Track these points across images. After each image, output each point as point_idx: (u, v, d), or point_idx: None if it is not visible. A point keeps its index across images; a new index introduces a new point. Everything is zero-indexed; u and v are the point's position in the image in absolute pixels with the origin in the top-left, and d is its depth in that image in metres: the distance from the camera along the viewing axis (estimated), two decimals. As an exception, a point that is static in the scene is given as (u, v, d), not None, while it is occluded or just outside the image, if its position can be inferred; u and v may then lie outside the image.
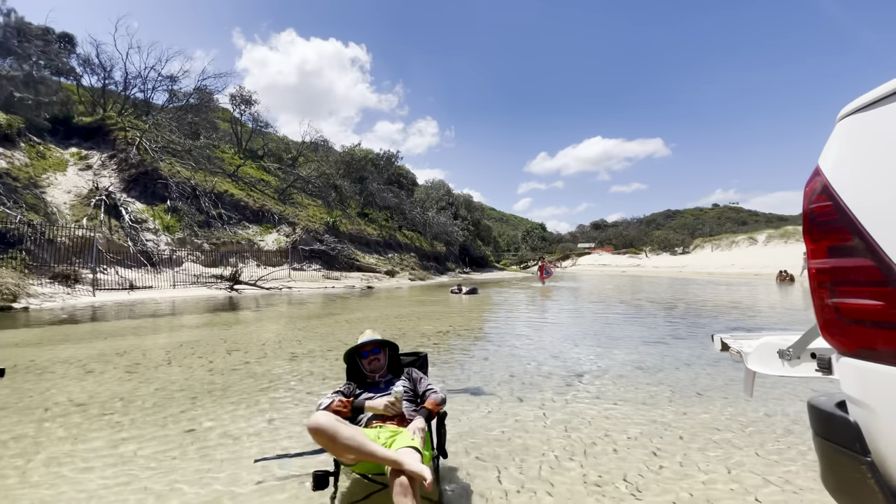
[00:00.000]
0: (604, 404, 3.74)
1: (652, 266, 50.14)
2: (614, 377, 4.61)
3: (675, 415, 3.48)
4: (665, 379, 4.53)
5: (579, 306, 12.47)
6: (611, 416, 3.46)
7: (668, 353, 5.76)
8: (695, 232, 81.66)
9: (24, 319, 9.69)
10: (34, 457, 2.75)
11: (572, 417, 3.42)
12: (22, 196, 17.19)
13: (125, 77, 30.13)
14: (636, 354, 5.73)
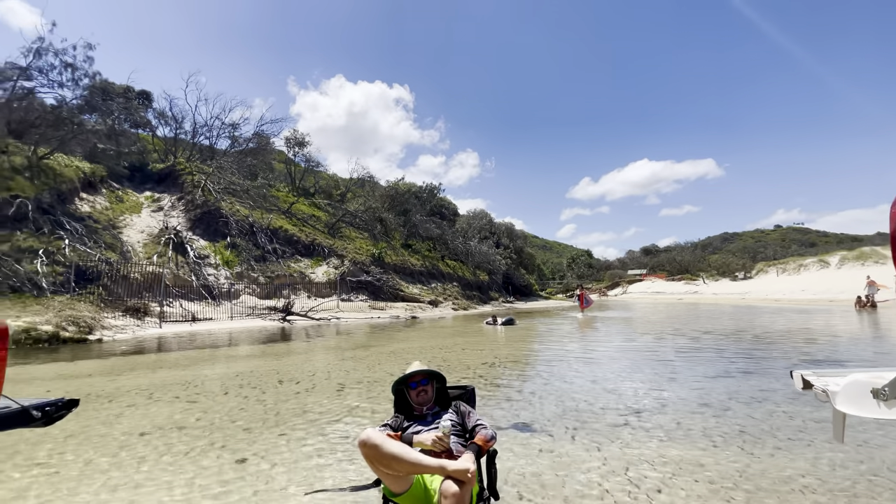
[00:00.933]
0: (666, 444, 3.46)
1: (711, 293, 47.04)
2: (676, 414, 4.28)
3: (749, 458, 3.15)
4: (734, 417, 4.14)
5: (633, 337, 11.83)
6: (675, 458, 3.19)
7: (736, 389, 5.29)
8: (756, 255, 76.19)
9: (97, 350, 10.50)
10: (99, 480, 2.90)
11: (632, 458, 3.18)
12: (101, 236, 19.03)
13: (194, 126, 33.25)
14: (699, 390, 5.31)
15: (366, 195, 40.57)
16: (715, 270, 64.25)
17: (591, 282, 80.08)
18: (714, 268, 65.60)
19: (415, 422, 2.46)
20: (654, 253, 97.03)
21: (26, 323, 11.52)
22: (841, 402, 1.25)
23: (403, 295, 29.00)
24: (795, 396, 4.80)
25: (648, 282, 69.09)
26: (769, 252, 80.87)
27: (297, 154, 38.39)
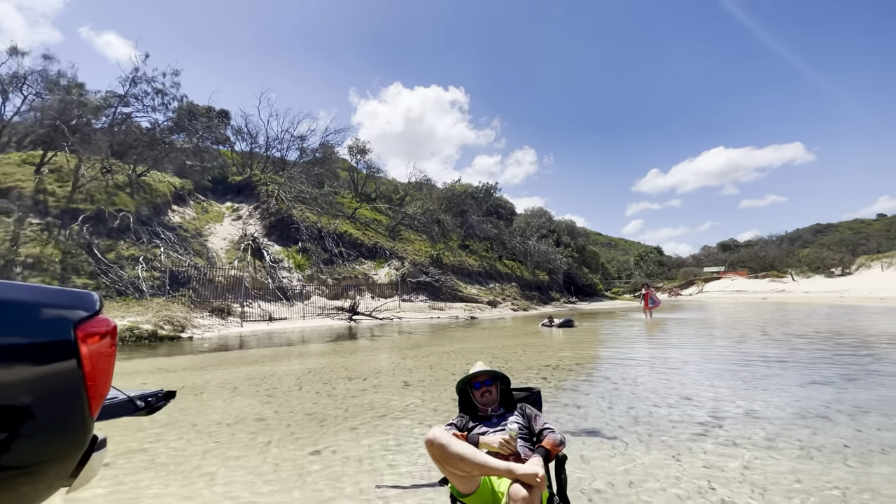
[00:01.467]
0: (754, 457, 3.15)
1: (802, 291, 42.36)
2: (765, 424, 3.89)
3: (854, 476, 2.78)
4: (835, 429, 3.68)
5: (711, 340, 10.96)
6: (765, 472, 2.90)
7: (837, 398, 4.71)
8: (856, 249, 67.67)
9: (188, 347, 11.61)
10: (189, 466, 3.19)
11: (714, 471, 2.93)
12: (191, 244, 21.04)
13: (266, 140, 35.85)
14: (792, 398, 4.79)
15: (423, 198, 41.32)
16: (806, 266, 57.85)
17: (661, 280, 75.43)
18: (805, 263, 59.09)
19: (480, 422, 2.44)
20: (734, 248, 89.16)
21: (130, 322, 13.01)
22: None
23: (462, 295, 29.15)
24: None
25: (727, 280, 63.69)
26: (872, 245, 71.43)
27: (359, 161, 40.06)
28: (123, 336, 12.19)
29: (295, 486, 2.83)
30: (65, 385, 1.60)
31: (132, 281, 16.73)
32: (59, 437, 1.61)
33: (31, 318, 1.58)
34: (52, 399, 1.55)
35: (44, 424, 1.53)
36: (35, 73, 21.15)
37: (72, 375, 1.60)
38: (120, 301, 15.37)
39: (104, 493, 2.78)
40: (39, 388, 1.52)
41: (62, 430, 1.61)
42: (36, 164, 20.59)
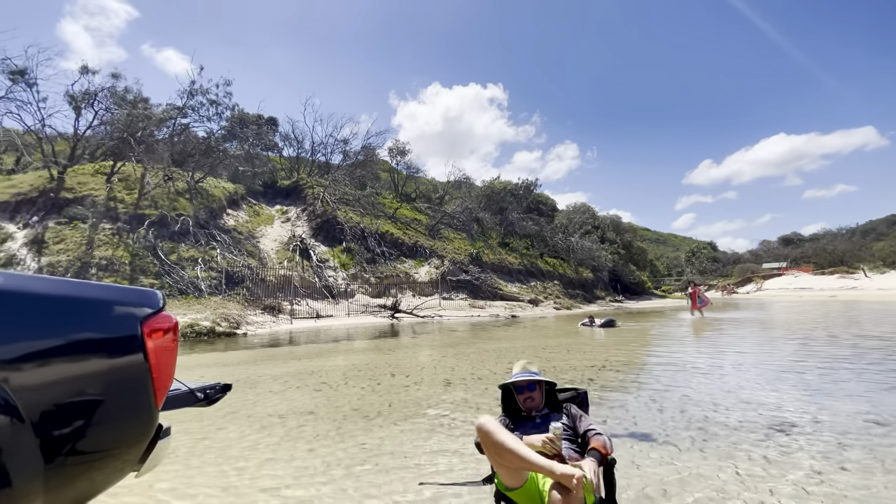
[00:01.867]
0: (826, 467, 2.91)
1: (876, 289, 38.63)
2: (837, 432, 3.58)
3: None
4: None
5: (771, 341, 10.23)
6: (839, 484, 2.66)
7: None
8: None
9: (243, 343, 12.25)
10: (242, 455, 3.36)
11: (778, 481, 2.73)
12: (244, 246, 22.19)
13: (312, 145, 37.25)
14: (867, 404, 4.38)
15: (462, 196, 41.35)
16: (880, 261, 52.70)
17: (715, 277, 71.31)
18: (879, 258, 53.88)
19: (522, 423, 2.40)
20: (797, 242, 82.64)
21: (191, 319, 13.90)
22: None
23: (502, 293, 28.91)
24: None
25: (790, 276, 59.22)
26: (964, 236, 63.88)
27: (399, 162, 40.71)
28: (184, 332, 13.06)
29: (341, 479, 2.91)
30: (133, 377, 1.72)
31: (192, 281, 17.88)
32: (129, 425, 1.74)
33: (104, 315, 1.71)
34: (122, 390, 1.68)
35: (116, 413, 1.65)
36: (104, 90, 23.04)
37: (139, 368, 1.73)
38: (181, 299, 16.47)
39: (170, 476, 2.98)
40: (112, 379, 1.65)
41: (132, 418, 1.74)
42: (107, 174, 22.46)
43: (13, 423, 1.27)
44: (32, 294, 1.50)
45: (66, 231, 18.15)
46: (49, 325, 1.48)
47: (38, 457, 1.32)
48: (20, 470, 1.26)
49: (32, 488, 1.31)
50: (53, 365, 1.45)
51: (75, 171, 22.16)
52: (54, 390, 1.42)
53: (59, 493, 1.45)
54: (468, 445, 3.49)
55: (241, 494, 2.71)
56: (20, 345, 1.37)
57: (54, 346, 1.47)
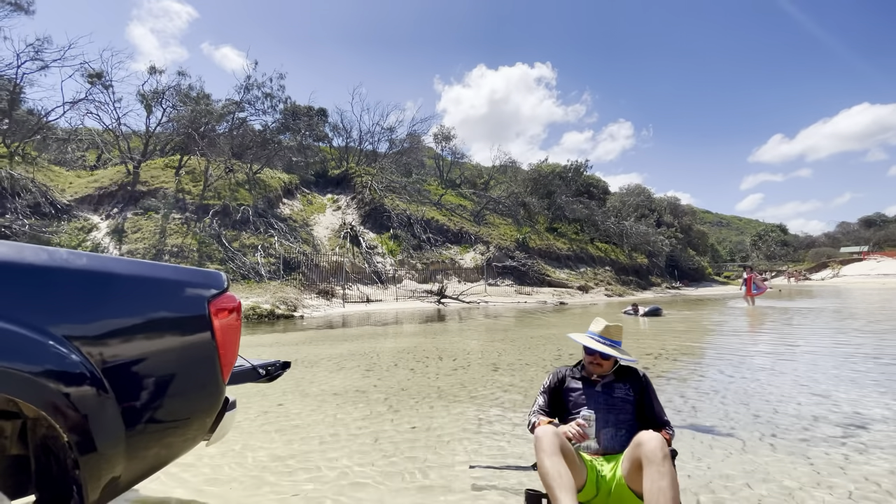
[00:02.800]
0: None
1: (985, 275, 33.98)
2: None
3: None
4: None
5: (847, 332, 9.32)
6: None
7: None
8: None
9: (300, 325, 12.90)
10: (300, 431, 3.54)
11: (859, 479, 2.50)
12: (299, 233, 23.22)
13: (360, 134, 38.00)
14: (974, 405, 3.88)
15: (508, 181, 40.68)
16: None
17: (785, 263, 65.84)
18: None
19: (583, 388, 2.31)
20: (880, 224, 74.30)
21: (252, 302, 14.81)
22: None
23: (550, 280, 28.36)
24: None
25: (872, 261, 53.43)
26: None
27: (444, 148, 40.64)
28: (247, 314, 13.95)
29: (391, 456, 3.00)
30: (202, 353, 1.85)
31: (253, 266, 19.01)
32: (199, 397, 1.87)
33: (175, 294, 1.84)
34: (193, 364, 1.80)
35: (188, 386, 1.79)
36: (171, 88, 24.70)
37: (208, 345, 1.85)
38: (244, 284, 17.58)
39: (235, 449, 3.21)
40: (183, 354, 1.77)
41: (202, 391, 1.87)
42: (175, 168, 24.21)
43: (98, 394, 1.40)
44: (113, 274, 1.64)
45: (142, 221, 19.84)
46: (127, 303, 1.62)
47: (120, 425, 1.45)
48: (105, 436, 1.39)
49: (115, 453, 1.44)
50: (132, 340, 1.57)
51: (148, 166, 24.07)
52: (133, 364, 1.55)
53: (138, 458, 1.58)
54: (517, 429, 3.47)
55: (302, 461, 2.87)
56: (104, 321, 1.50)
57: (132, 323, 1.60)
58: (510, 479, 2.58)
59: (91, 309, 1.49)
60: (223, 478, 2.70)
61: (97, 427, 1.36)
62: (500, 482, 2.57)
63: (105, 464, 1.39)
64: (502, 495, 2.41)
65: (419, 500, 2.39)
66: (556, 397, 2.36)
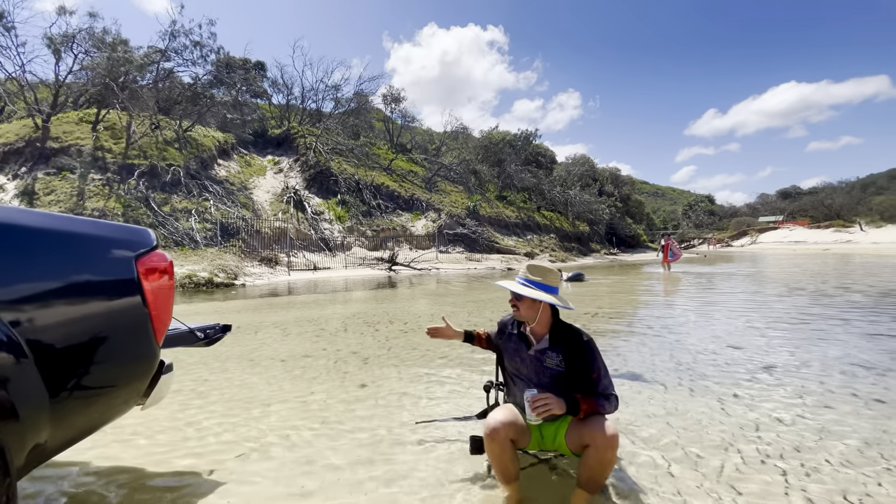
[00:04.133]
0: (809, 404, 3.04)
1: (869, 242, 39.10)
2: (820, 373, 3.72)
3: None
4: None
5: (762, 292, 10.45)
6: (820, 419, 2.79)
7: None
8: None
9: (242, 293, 12.38)
10: (247, 395, 3.47)
11: (763, 416, 2.86)
12: (237, 197, 21.88)
13: (302, 92, 35.76)
14: (852, 349, 4.53)
15: (459, 147, 40.46)
16: (878, 215, 52.95)
17: (710, 231, 71.69)
18: (877, 212, 54.06)
19: (519, 344, 2.13)
20: (795, 196, 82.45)
21: (188, 270, 13.95)
22: None
23: (499, 247, 29.06)
24: None
25: (785, 230, 59.64)
26: (962, 190, 63.92)
27: (394, 110, 39.30)
28: (182, 283, 13.14)
29: (340, 416, 3.03)
30: (132, 315, 1.72)
31: (187, 232, 17.77)
32: (130, 362, 1.76)
33: (97, 252, 1.68)
34: (122, 328, 1.68)
35: (117, 350, 1.67)
36: (83, 32, 21.67)
37: (137, 306, 1.72)
38: (178, 251, 16.45)
39: (172, 413, 3.09)
40: (111, 317, 1.64)
41: (133, 354, 1.76)
42: (92, 122, 21.65)
43: (17, 360, 1.27)
44: (23, 227, 1.46)
45: (56, 182, 17.77)
46: (44, 261, 1.45)
47: (43, 392, 1.35)
48: (26, 403, 1.29)
49: (38, 420, 1.34)
50: (50, 303, 1.43)
51: (59, 120, 21.35)
52: (53, 329, 1.42)
53: (65, 424, 1.49)
54: (465, 384, 3.61)
55: (245, 427, 2.82)
56: (17, 283, 1.35)
57: (50, 285, 1.45)
58: (455, 430, 2.69)
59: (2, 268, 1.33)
60: (159, 445, 2.60)
61: (17, 394, 1.26)
62: (446, 434, 2.68)
63: (28, 431, 1.31)
64: (449, 445, 2.52)
65: (368, 456, 2.44)
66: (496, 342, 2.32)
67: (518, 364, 2.14)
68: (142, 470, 2.31)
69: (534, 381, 2.06)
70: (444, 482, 2.13)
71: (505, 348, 2.23)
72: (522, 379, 2.12)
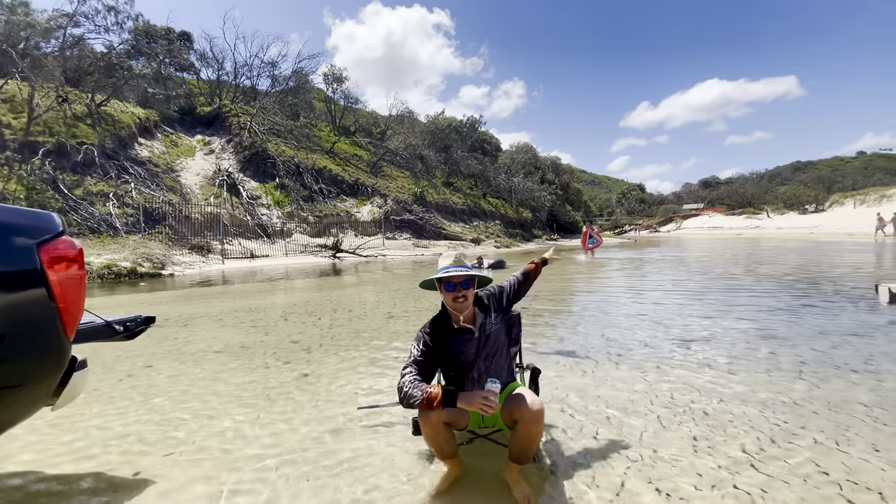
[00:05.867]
0: (718, 373, 3.40)
1: (775, 227, 43.76)
2: (730, 346, 4.16)
3: (808, 387, 3.04)
4: (794, 350, 3.97)
5: (683, 274, 11.41)
6: (726, 385, 3.14)
7: (797, 322, 5.03)
8: (832, 186, 69.41)
9: (171, 284, 11.55)
10: (178, 390, 3.29)
11: (679, 385, 3.16)
12: (162, 180, 20.19)
13: (234, 67, 33.34)
14: (757, 323, 5.10)
15: (406, 132, 39.91)
16: (782, 203, 59.30)
17: (641, 217, 76.67)
18: (781, 200, 60.50)
19: (452, 339, 2.04)
20: (714, 186, 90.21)
21: (107, 260, 12.76)
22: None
23: (446, 233, 29.27)
24: (861, 331, 4.51)
25: (705, 217, 65.08)
26: (848, 182, 73.40)
27: (336, 91, 37.89)
28: (102, 273, 12.01)
29: (282, 408, 2.95)
30: (36, 309, 1.56)
31: (104, 218, 16.16)
32: (36, 360, 1.60)
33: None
34: (25, 324, 1.52)
35: (20, 348, 1.51)
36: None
37: (42, 300, 1.57)
38: (95, 238, 14.95)
39: (92, 413, 2.86)
40: (10, 313, 1.48)
41: (39, 353, 1.60)
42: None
43: None
44: None
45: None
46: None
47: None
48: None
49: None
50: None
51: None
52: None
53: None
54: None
55: (174, 424, 2.67)
56: None
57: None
58: (398, 414, 2.72)
59: None
60: (77, 447, 2.41)
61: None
62: (388, 418, 2.71)
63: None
64: (391, 429, 2.55)
65: (311, 445, 2.42)
66: (435, 353, 2.05)
67: (468, 355, 2.05)
68: (60, 474, 2.13)
69: (491, 353, 2.08)
70: (391, 465, 2.16)
71: (454, 352, 2.05)
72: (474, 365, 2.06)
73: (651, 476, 2.02)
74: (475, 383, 2.04)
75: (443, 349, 2.05)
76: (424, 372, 1.95)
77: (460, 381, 2.08)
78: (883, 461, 2.07)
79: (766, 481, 1.94)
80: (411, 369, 1.92)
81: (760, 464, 2.09)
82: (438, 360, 2.08)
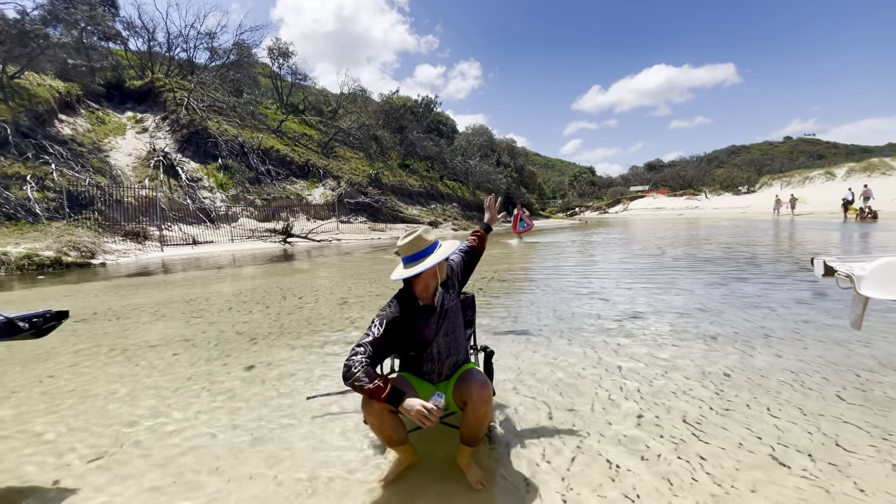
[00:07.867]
0: (661, 345, 3.56)
1: (712, 208, 46.83)
2: (671, 319, 4.37)
3: (742, 356, 3.24)
4: (728, 320, 4.23)
5: (630, 253, 11.94)
6: (668, 357, 3.28)
7: (730, 295, 5.38)
8: (762, 169, 74.80)
9: (102, 274, 10.65)
10: (107, 391, 3.02)
11: (626, 359, 3.28)
12: (88, 160, 18.41)
13: (168, 37, 30.59)
14: (694, 297, 5.40)
15: (359, 111, 38.69)
16: (718, 185, 63.39)
17: (591, 199, 79.49)
18: (718, 182, 64.64)
19: (418, 317, 1.99)
20: (659, 168, 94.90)
21: (27, 249, 11.55)
22: (867, 287, 1.17)
23: (403, 216, 28.93)
24: (789, 302, 4.89)
25: (650, 198, 68.46)
26: (776, 165, 79.31)
27: (283, 66, 35.83)
28: (21, 265, 10.87)
29: (228, 402, 2.78)
30: None
31: (22, 203, 14.56)
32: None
33: None
34: None
35: None
36: None
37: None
38: (12, 226, 13.46)
39: (9, 417, 2.56)
40: None
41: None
42: None
43: None
44: None
45: None
46: None
47: None
48: None
49: None
50: None
51: None
52: None
53: None
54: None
55: (102, 427, 2.43)
56: None
57: None
58: (350, 403, 2.63)
59: None
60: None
61: None
62: (340, 407, 2.61)
63: None
64: (343, 419, 2.46)
65: (259, 438, 2.28)
66: (398, 333, 1.98)
67: (430, 331, 2.00)
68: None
69: (450, 328, 2.03)
70: (339, 456, 2.07)
71: (418, 329, 1.99)
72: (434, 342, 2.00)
73: (601, 450, 2.06)
74: (435, 361, 1.99)
75: (408, 327, 1.97)
76: (377, 354, 1.87)
77: (419, 360, 2.01)
78: (810, 424, 2.23)
79: (705, 448, 2.04)
80: (365, 349, 1.82)
81: (701, 433, 2.19)
82: (399, 341, 1.99)
